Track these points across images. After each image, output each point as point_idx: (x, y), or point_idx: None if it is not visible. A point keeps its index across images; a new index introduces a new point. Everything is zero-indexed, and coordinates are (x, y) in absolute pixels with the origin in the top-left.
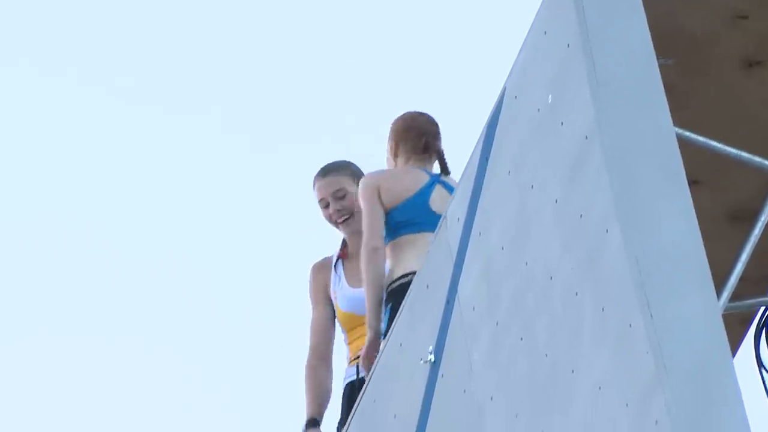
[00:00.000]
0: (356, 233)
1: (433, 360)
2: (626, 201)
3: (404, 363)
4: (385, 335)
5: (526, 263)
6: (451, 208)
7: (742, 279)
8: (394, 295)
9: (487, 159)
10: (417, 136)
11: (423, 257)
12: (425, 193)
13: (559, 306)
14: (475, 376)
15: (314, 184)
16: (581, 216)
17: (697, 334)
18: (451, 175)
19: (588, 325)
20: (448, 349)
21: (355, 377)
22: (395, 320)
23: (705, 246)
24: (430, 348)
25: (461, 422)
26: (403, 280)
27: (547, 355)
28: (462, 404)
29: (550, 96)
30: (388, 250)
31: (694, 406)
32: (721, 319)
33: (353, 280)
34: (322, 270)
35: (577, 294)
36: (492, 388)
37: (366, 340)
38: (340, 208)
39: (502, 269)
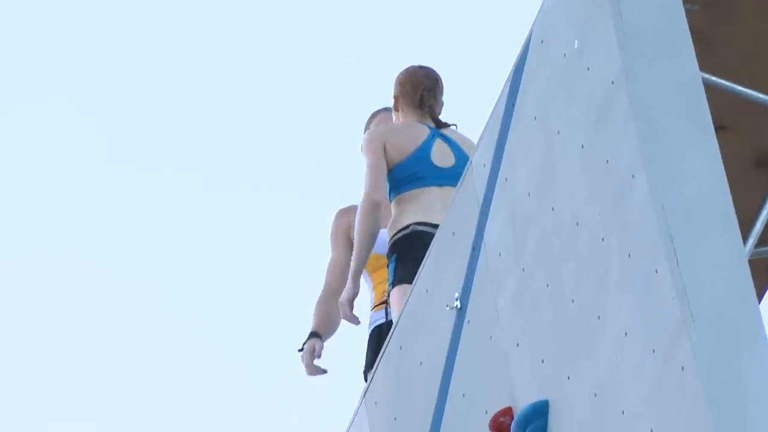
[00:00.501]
0: None
1: (459, 306)
2: (652, 147)
3: (430, 310)
4: (392, 285)
5: (552, 209)
6: (477, 154)
7: None
8: (397, 245)
9: (513, 104)
10: (413, 89)
11: (425, 209)
12: (426, 147)
13: (585, 252)
14: (501, 322)
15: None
16: (607, 161)
17: (723, 280)
18: (452, 127)
19: (614, 271)
20: (474, 296)
21: (383, 320)
22: (421, 267)
23: (731, 192)
24: (456, 294)
25: (487, 368)
26: (406, 231)
27: (573, 301)
28: (488, 350)
29: (576, 41)
30: (392, 205)
31: (719, 352)
32: (747, 265)
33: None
34: (346, 214)
35: (603, 240)
36: (518, 334)
37: (346, 288)
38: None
39: (528, 215)
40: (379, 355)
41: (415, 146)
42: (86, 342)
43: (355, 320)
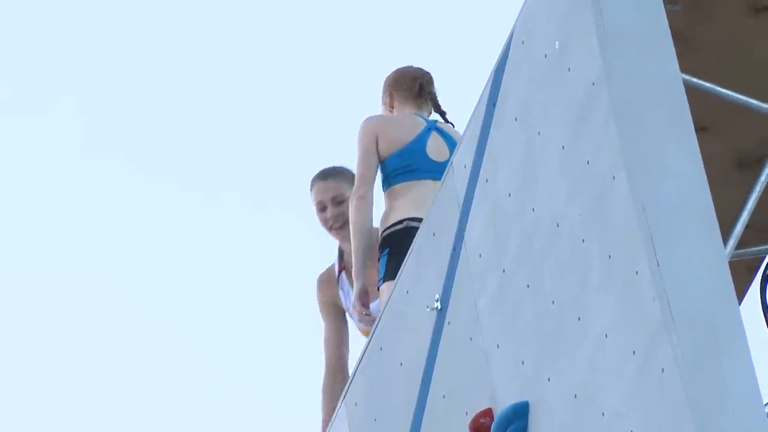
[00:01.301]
0: (350, 240)
1: (439, 307)
2: (633, 147)
3: (411, 310)
4: (383, 280)
5: (533, 209)
6: (458, 154)
7: (749, 226)
8: (390, 240)
9: (494, 105)
10: (411, 80)
11: (419, 203)
12: (422, 139)
13: (565, 253)
14: (482, 323)
15: (312, 186)
16: (588, 162)
17: (704, 281)
18: (449, 124)
19: (595, 272)
20: (455, 297)
21: None
22: (402, 267)
23: (712, 193)
24: (437, 295)
25: (467, 369)
26: (398, 227)
27: (553, 302)
28: (468, 351)
29: (557, 42)
30: (384, 198)
31: (700, 353)
32: (727, 266)
33: None
34: (328, 283)
35: (583, 241)
36: (498, 335)
37: (354, 289)
38: (337, 214)
39: (508, 216)
40: (359, 356)
41: (410, 138)
42: (80, 343)
43: (371, 321)
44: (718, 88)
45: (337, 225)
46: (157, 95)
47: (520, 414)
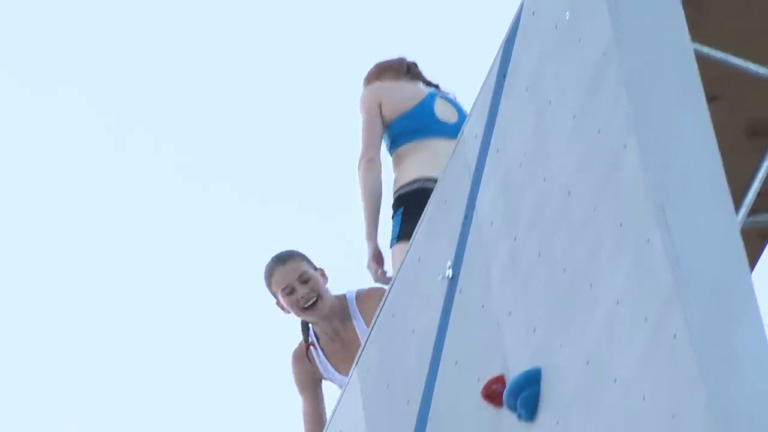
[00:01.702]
0: (324, 317)
1: (451, 275)
2: (644, 116)
3: (423, 278)
4: (397, 239)
5: (544, 179)
6: (468, 124)
7: (760, 194)
8: (405, 199)
9: (504, 75)
10: (396, 64)
11: (432, 162)
12: (428, 102)
13: (577, 221)
14: (494, 291)
15: (272, 276)
16: (599, 131)
17: (715, 248)
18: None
19: (606, 240)
20: (467, 265)
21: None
22: (414, 235)
23: (723, 161)
24: (449, 263)
25: (479, 337)
26: (412, 186)
27: (565, 270)
28: (480, 319)
29: (567, 12)
30: (392, 162)
31: (712, 321)
32: (739, 234)
33: (344, 366)
34: (300, 361)
35: (595, 209)
36: (510, 303)
37: (367, 252)
38: (308, 291)
39: (520, 185)
40: (372, 323)
41: (416, 102)
42: (78, 341)
43: (387, 279)
44: (730, 57)
45: (309, 302)
46: (156, 85)
47: (532, 381)
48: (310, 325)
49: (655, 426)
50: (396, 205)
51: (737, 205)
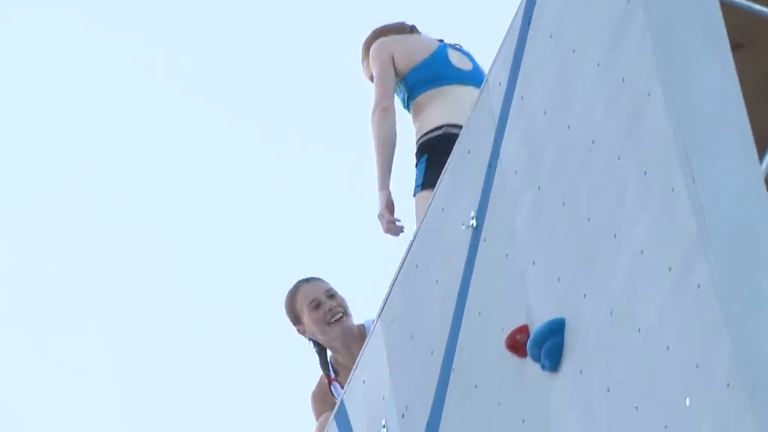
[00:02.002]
0: (347, 334)
1: (475, 225)
2: (669, 64)
3: (446, 228)
4: (421, 187)
5: (569, 127)
6: (492, 71)
7: None
8: (429, 146)
9: (528, 23)
10: (398, 26)
11: (455, 109)
12: (442, 51)
13: (601, 170)
14: (517, 240)
15: (296, 293)
16: (623, 79)
17: (740, 196)
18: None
19: (630, 188)
20: (490, 214)
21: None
22: (437, 185)
23: (747, 109)
24: (472, 213)
25: (503, 286)
26: (436, 132)
27: (589, 219)
28: (504, 269)
29: None
30: (413, 110)
31: (736, 269)
32: (763, 182)
33: None
34: (322, 400)
35: (619, 157)
36: (534, 253)
37: (379, 201)
38: (335, 305)
39: (544, 133)
40: (395, 273)
41: (429, 52)
42: (79, 341)
43: (398, 229)
44: (754, 5)
45: (337, 317)
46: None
47: (556, 330)
48: (329, 361)
49: (678, 375)
50: (419, 153)
51: (761, 153)
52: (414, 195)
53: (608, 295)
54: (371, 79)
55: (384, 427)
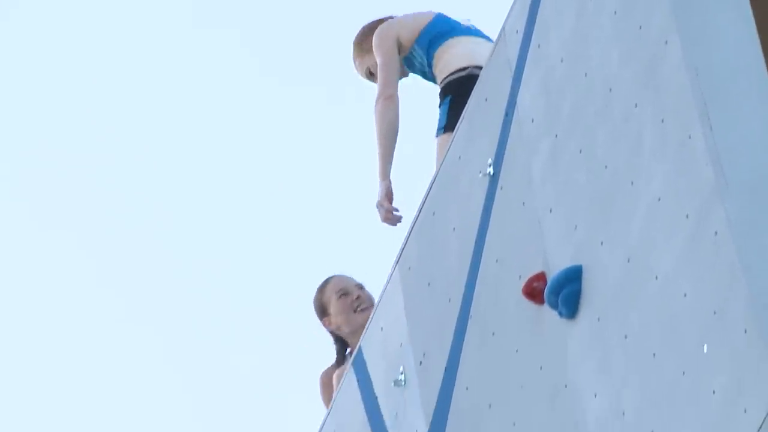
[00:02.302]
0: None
1: (492, 173)
2: (686, 12)
3: (463, 176)
4: (443, 129)
5: (586, 75)
6: (509, 20)
7: None
8: (453, 87)
9: None
10: (388, 18)
11: (475, 53)
12: (440, 15)
13: (618, 117)
14: (534, 188)
15: (327, 283)
16: (640, 27)
17: (757, 144)
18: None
19: (647, 136)
20: (507, 162)
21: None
22: (454, 133)
23: (765, 57)
24: (489, 161)
25: (520, 234)
26: (461, 73)
27: (606, 167)
28: (521, 216)
29: None
30: (434, 63)
31: (753, 217)
32: None
33: None
34: (330, 386)
35: (636, 105)
36: (551, 200)
37: (379, 190)
38: (361, 295)
39: (561, 81)
40: (412, 221)
41: (429, 18)
42: (79, 341)
43: (396, 219)
44: None
45: (363, 306)
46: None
47: (573, 278)
48: (347, 350)
49: (696, 322)
50: (443, 94)
51: None
52: (436, 137)
53: (625, 243)
54: (367, 75)
55: (402, 374)
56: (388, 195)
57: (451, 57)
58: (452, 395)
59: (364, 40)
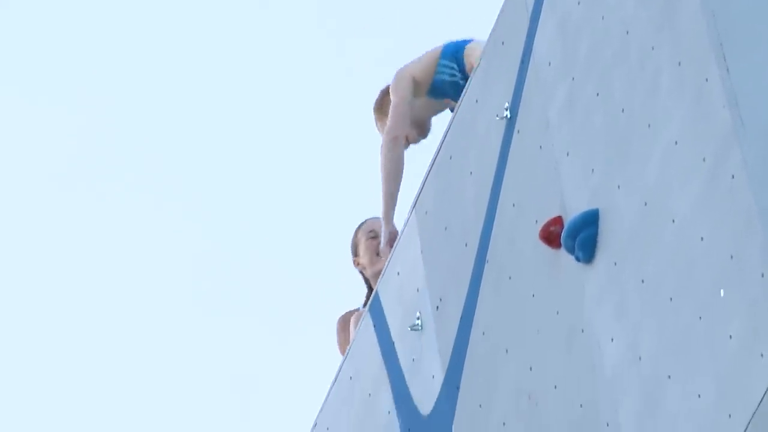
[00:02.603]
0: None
1: (508, 116)
2: None
3: (480, 119)
4: None
5: (602, 17)
6: None
7: None
8: None
9: None
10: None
11: None
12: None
13: (635, 60)
14: (551, 131)
15: (363, 225)
16: None
17: None
18: None
19: (664, 79)
20: (524, 105)
21: None
22: (471, 77)
23: None
24: (506, 104)
25: (537, 178)
26: None
27: (623, 110)
28: (538, 160)
29: None
30: (466, 57)
31: None
32: None
33: None
34: (349, 324)
35: (653, 48)
36: (568, 144)
37: (383, 233)
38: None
39: (577, 24)
40: (429, 165)
41: (442, 45)
42: (80, 340)
43: None
44: None
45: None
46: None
47: (590, 221)
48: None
49: (712, 266)
50: None
51: None
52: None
53: (642, 186)
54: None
55: (418, 319)
56: (391, 240)
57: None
58: (469, 340)
59: (383, 103)
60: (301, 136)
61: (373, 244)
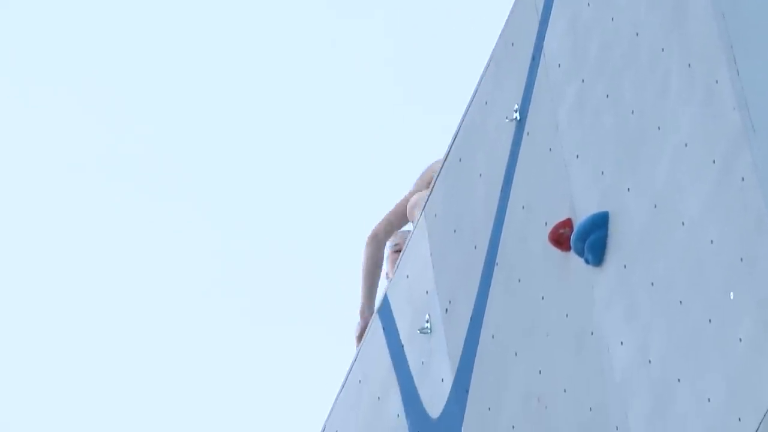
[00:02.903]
0: None
1: (518, 118)
2: None
3: (489, 121)
4: None
5: (612, 19)
6: None
7: None
8: None
9: None
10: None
11: None
12: None
13: (645, 62)
14: (561, 133)
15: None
16: None
17: None
18: None
19: (674, 81)
20: (534, 107)
21: None
22: (480, 78)
23: None
24: (516, 106)
25: (547, 180)
26: None
27: (633, 112)
28: (548, 162)
29: None
30: None
31: None
32: None
33: None
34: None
35: (663, 50)
36: (578, 146)
37: (357, 327)
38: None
39: (588, 25)
40: (439, 168)
41: None
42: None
43: None
44: None
45: None
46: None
47: (599, 224)
48: None
49: (722, 269)
50: None
51: None
52: None
53: (652, 189)
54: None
55: (428, 321)
56: (361, 336)
57: None
58: (478, 343)
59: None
60: (303, 137)
61: (393, 257)
